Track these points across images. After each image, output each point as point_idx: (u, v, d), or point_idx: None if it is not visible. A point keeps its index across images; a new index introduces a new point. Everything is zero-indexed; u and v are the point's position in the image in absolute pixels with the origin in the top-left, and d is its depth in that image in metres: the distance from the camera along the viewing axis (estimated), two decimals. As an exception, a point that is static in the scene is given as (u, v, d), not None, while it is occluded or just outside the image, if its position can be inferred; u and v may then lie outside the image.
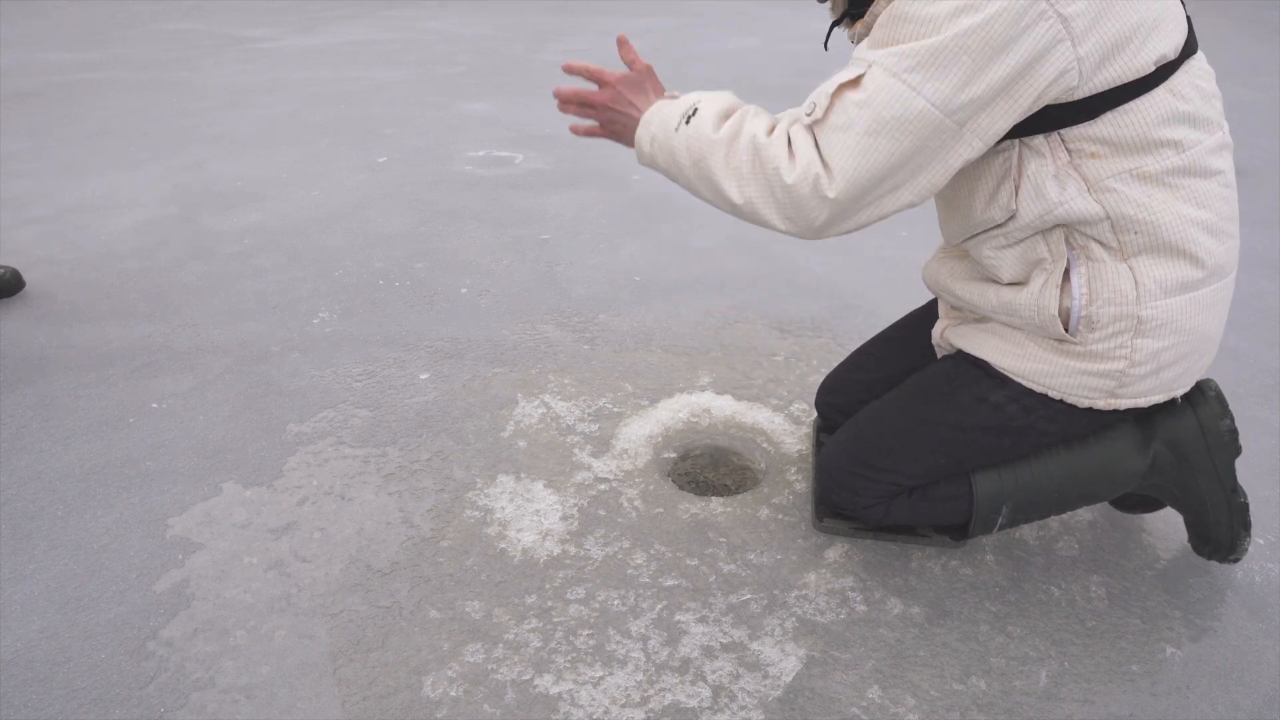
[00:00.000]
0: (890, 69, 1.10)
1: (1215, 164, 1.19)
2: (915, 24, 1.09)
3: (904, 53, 1.09)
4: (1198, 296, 1.22)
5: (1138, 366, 1.24)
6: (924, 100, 1.08)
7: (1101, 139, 1.14)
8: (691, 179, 1.27)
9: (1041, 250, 1.24)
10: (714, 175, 1.24)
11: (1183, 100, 1.14)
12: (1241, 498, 1.41)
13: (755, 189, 1.21)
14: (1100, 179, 1.16)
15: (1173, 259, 1.19)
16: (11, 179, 3.47)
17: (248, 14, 8.07)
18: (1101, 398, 1.28)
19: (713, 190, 1.25)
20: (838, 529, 1.57)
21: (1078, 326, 1.23)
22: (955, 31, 1.06)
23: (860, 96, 1.11)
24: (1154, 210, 1.16)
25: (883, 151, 1.11)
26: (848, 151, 1.13)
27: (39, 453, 1.81)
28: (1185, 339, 1.24)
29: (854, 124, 1.12)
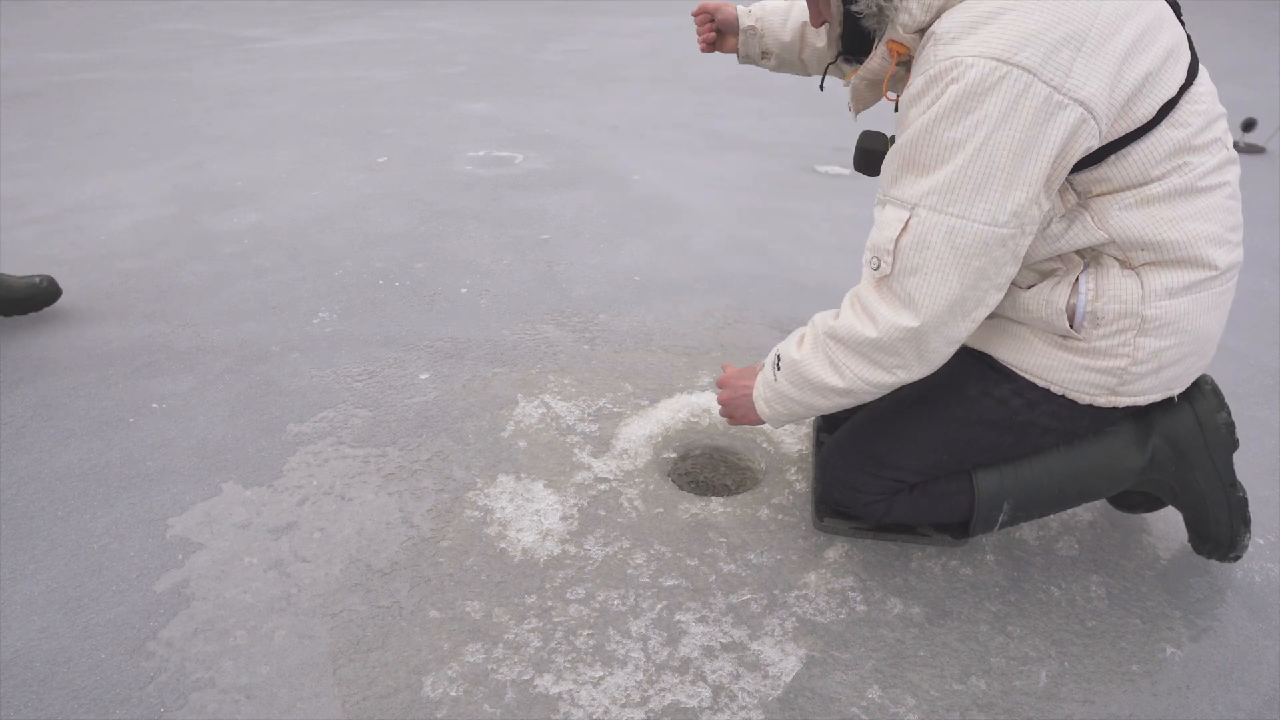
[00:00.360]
0: (934, 208, 1.12)
1: (1217, 179, 1.21)
2: (940, 148, 1.10)
3: (940, 187, 1.11)
4: (1201, 298, 1.23)
5: (1139, 365, 1.25)
6: (978, 224, 1.11)
7: (1105, 178, 1.17)
8: (809, 401, 1.32)
9: (1055, 263, 1.27)
10: (819, 381, 1.28)
11: (1183, 128, 1.16)
12: (1240, 492, 1.41)
13: (852, 365, 1.24)
14: (1106, 210, 1.18)
15: (1180, 268, 1.21)
16: (11, 179, 3.47)
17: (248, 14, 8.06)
18: (1102, 395, 1.29)
19: (825, 393, 1.29)
20: (838, 529, 1.57)
21: (1083, 323, 1.24)
22: (984, 152, 1.07)
23: (916, 239, 1.14)
24: (1159, 230, 1.18)
25: (954, 281, 1.14)
26: (924, 290, 1.15)
27: (39, 453, 1.81)
28: (1187, 339, 1.25)
29: (921, 265, 1.14)
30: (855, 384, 1.25)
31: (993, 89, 1.05)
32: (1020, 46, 1.04)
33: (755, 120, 4.51)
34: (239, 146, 3.93)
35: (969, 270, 1.13)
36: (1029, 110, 1.05)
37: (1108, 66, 1.07)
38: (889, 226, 1.16)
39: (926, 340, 1.18)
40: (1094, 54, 1.06)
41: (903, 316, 1.17)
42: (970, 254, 1.12)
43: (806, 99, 4.94)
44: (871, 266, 1.20)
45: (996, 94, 1.05)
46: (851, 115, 1.42)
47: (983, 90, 1.05)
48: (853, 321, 1.22)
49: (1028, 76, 1.04)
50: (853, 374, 1.25)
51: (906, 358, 1.21)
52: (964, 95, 1.06)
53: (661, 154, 3.89)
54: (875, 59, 1.25)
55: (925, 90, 1.11)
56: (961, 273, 1.13)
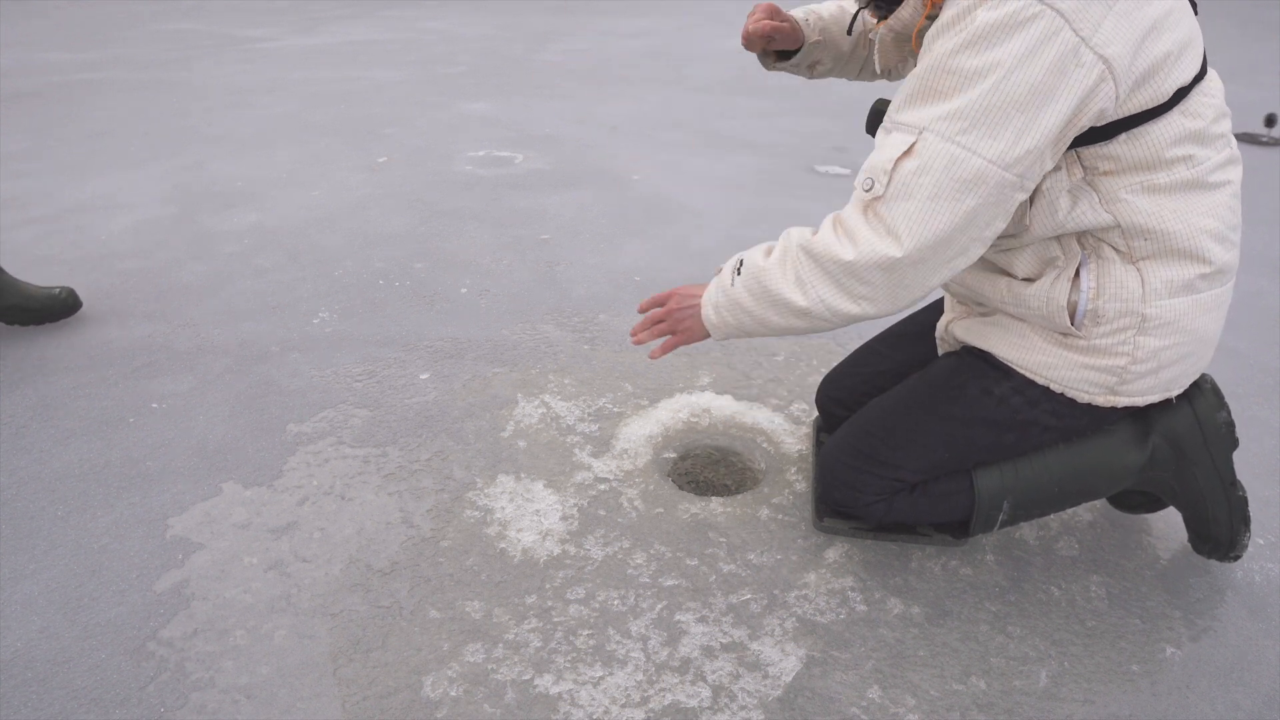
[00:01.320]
0: (942, 134, 1.09)
1: (1223, 177, 1.21)
2: (958, 78, 1.08)
3: (953, 114, 1.08)
4: (1201, 299, 1.24)
5: (1139, 364, 1.25)
6: (982, 160, 1.08)
7: (1115, 156, 1.16)
8: (764, 315, 1.26)
9: (1055, 250, 1.26)
10: (779, 294, 1.23)
11: (1195, 119, 1.16)
12: (1240, 491, 1.41)
13: (819, 285, 1.19)
14: (1112, 191, 1.18)
15: (1180, 262, 1.21)
16: (11, 179, 3.47)
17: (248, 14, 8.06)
18: (1101, 394, 1.29)
19: (783, 309, 1.24)
20: (838, 529, 1.57)
21: (1083, 320, 1.25)
22: (1002, 87, 1.05)
23: (917, 164, 1.10)
24: (1164, 219, 1.18)
25: (947, 213, 1.11)
26: (913, 218, 1.12)
27: (39, 453, 1.81)
28: (1186, 339, 1.25)
29: (915, 192, 1.11)
30: (817, 305, 1.20)
31: (1024, 25, 1.03)
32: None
33: (755, 120, 4.51)
34: (239, 146, 3.93)
35: (961, 208, 1.10)
36: (1055, 55, 1.04)
37: (1135, 32, 1.06)
38: (892, 148, 1.13)
39: (902, 274, 1.14)
40: (1124, 16, 1.05)
41: (885, 244, 1.13)
42: (967, 188, 1.09)
43: (806, 99, 4.94)
44: (864, 188, 1.15)
45: (1027, 31, 1.03)
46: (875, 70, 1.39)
47: (1014, 24, 1.04)
48: (831, 240, 1.18)
49: (1060, 20, 1.03)
50: (817, 295, 1.20)
51: (876, 289, 1.17)
52: (994, 26, 1.04)
53: (661, 154, 3.89)
54: (908, 8, 1.22)
55: (955, 20, 1.08)
56: (953, 208, 1.10)
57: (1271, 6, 8.58)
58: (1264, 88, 5.18)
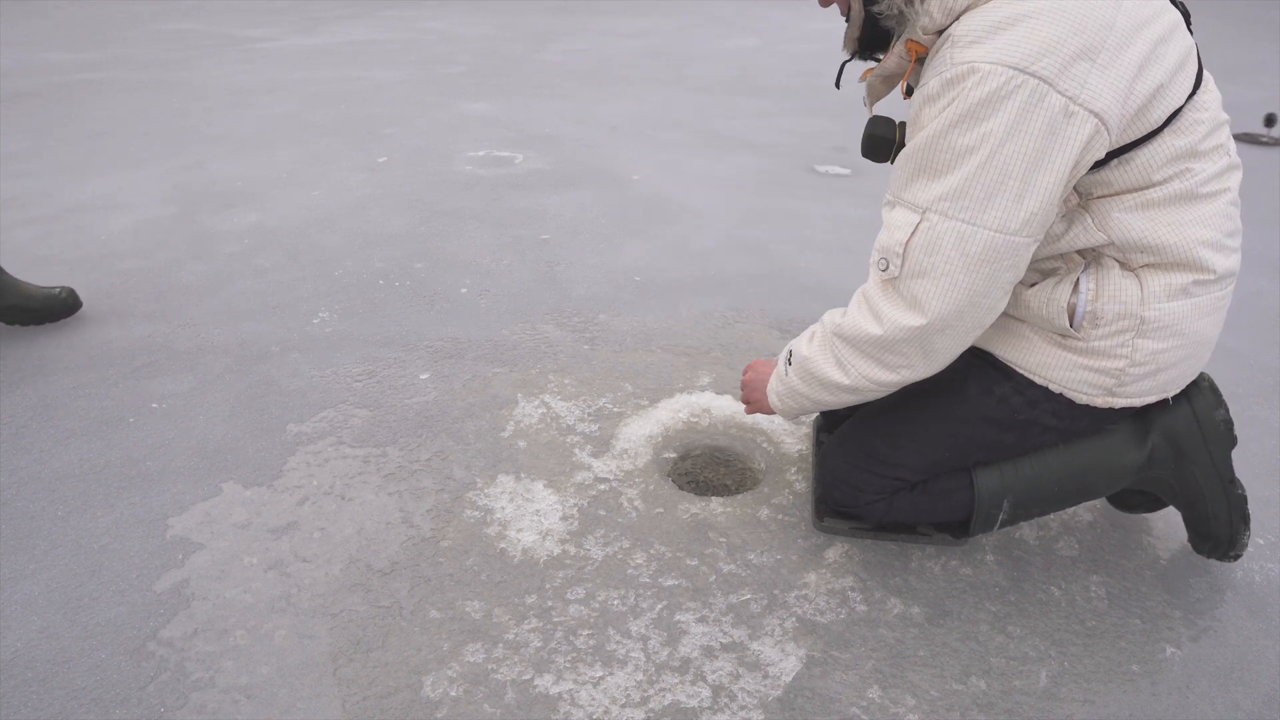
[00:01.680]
0: (946, 213, 1.12)
1: (1218, 186, 1.22)
2: (953, 155, 1.10)
3: (953, 192, 1.11)
4: (1199, 302, 1.24)
5: (1137, 366, 1.25)
6: (989, 232, 1.11)
7: (1107, 181, 1.17)
8: (816, 396, 1.35)
9: (1056, 262, 1.27)
10: (826, 378, 1.30)
11: (1186, 135, 1.16)
12: (1239, 490, 1.42)
13: (857, 363, 1.26)
14: (1106, 212, 1.19)
15: (1178, 270, 1.22)
16: (11, 179, 3.47)
17: (248, 14, 8.06)
18: (1100, 395, 1.29)
19: (831, 389, 1.31)
20: (838, 529, 1.57)
21: (1082, 322, 1.25)
22: (996, 160, 1.07)
23: (926, 243, 1.14)
24: (1158, 234, 1.19)
25: (963, 285, 1.14)
26: (932, 293, 1.15)
27: (39, 453, 1.81)
28: (1185, 342, 1.26)
29: (929, 270, 1.14)
30: (860, 382, 1.27)
31: (1009, 97, 1.06)
32: (1038, 56, 1.05)
33: (755, 120, 4.51)
34: (239, 146, 3.93)
35: (978, 276, 1.13)
36: (1044, 120, 1.06)
37: (1122, 79, 1.07)
38: (899, 229, 1.16)
39: (931, 340, 1.19)
40: (1109, 66, 1.06)
41: (909, 316, 1.17)
42: (980, 260, 1.12)
43: (807, 99, 4.94)
44: (880, 268, 1.20)
45: (1012, 102, 1.06)
46: (867, 108, 1.42)
47: (999, 98, 1.06)
48: (859, 320, 1.23)
49: (1044, 87, 1.05)
50: (858, 372, 1.26)
51: (911, 357, 1.21)
52: (980, 102, 1.07)
53: (661, 154, 3.89)
54: (893, 59, 1.26)
55: (941, 93, 1.11)
56: (970, 278, 1.13)
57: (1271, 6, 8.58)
58: (1264, 88, 5.18)
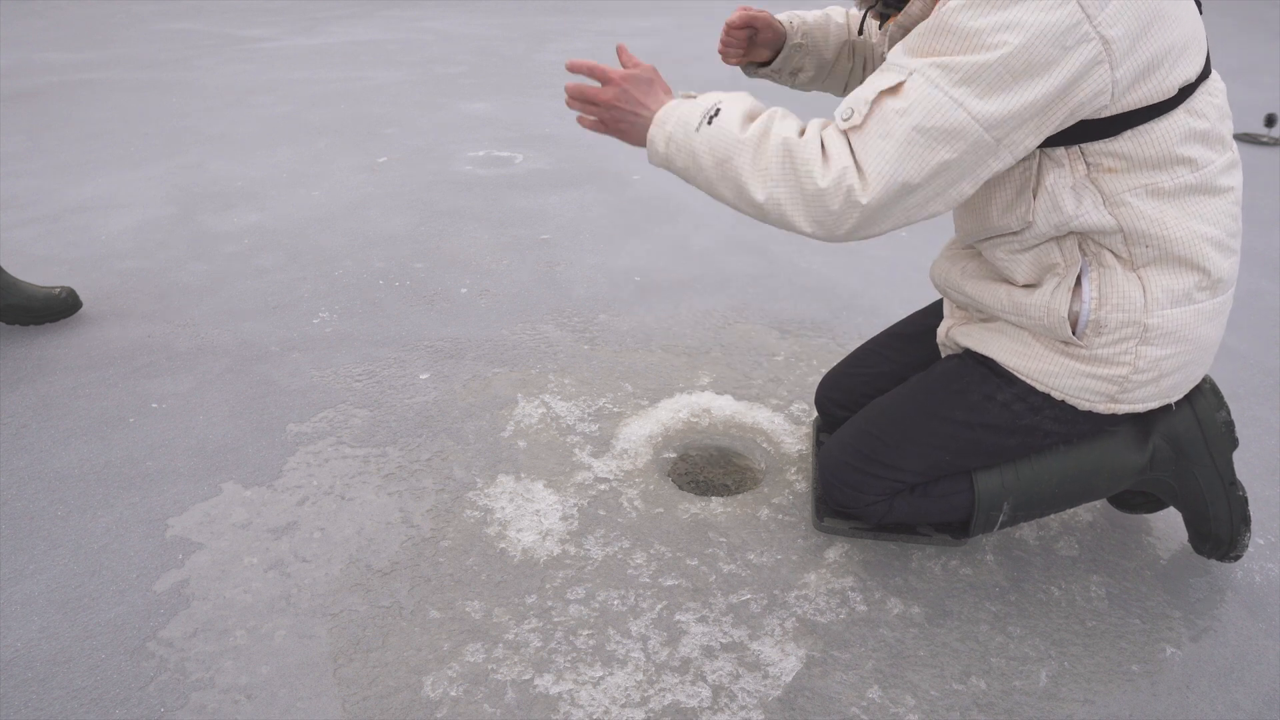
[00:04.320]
0: (933, 80, 1.08)
1: (1226, 182, 1.21)
2: (959, 38, 1.07)
3: (947, 65, 1.08)
4: (1202, 308, 1.24)
5: (1140, 373, 1.25)
6: (966, 114, 1.07)
7: (1120, 154, 1.15)
8: (713, 180, 1.23)
9: (1055, 256, 1.25)
10: (739, 175, 1.19)
11: (1200, 119, 1.15)
12: (1240, 491, 1.41)
13: (784, 190, 1.17)
14: (1116, 193, 1.17)
15: (1181, 271, 1.21)
16: (11, 179, 3.47)
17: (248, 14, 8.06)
18: (1102, 402, 1.29)
19: (736, 190, 1.21)
20: (838, 529, 1.57)
21: (1085, 330, 1.24)
22: (1000, 50, 1.05)
23: (901, 104, 1.10)
24: (1166, 225, 1.18)
25: (919, 160, 1.10)
26: (885, 159, 1.11)
27: (39, 453, 1.81)
28: (1188, 348, 1.26)
29: (893, 132, 1.10)
30: (771, 207, 1.18)
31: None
32: None
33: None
34: (239, 146, 3.93)
35: (933, 159, 1.09)
36: (1058, 26, 1.03)
37: (1139, 18, 1.05)
38: (878, 83, 1.12)
39: (861, 217, 1.14)
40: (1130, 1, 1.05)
41: (856, 182, 1.11)
42: (944, 139, 1.08)
43: (806, 99, 4.94)
44: (843, 117, 1.14)
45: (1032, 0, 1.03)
46: None
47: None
48: (814, 157, 1.14)
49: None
50: (776, 198, 1.17)
51: (834, 218, 1.14)
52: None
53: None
54: (917, 4, 1.21)
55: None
56: (926, 157, 1.09)
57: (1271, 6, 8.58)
58: (1264, 88, 5.18)
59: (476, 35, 7.02)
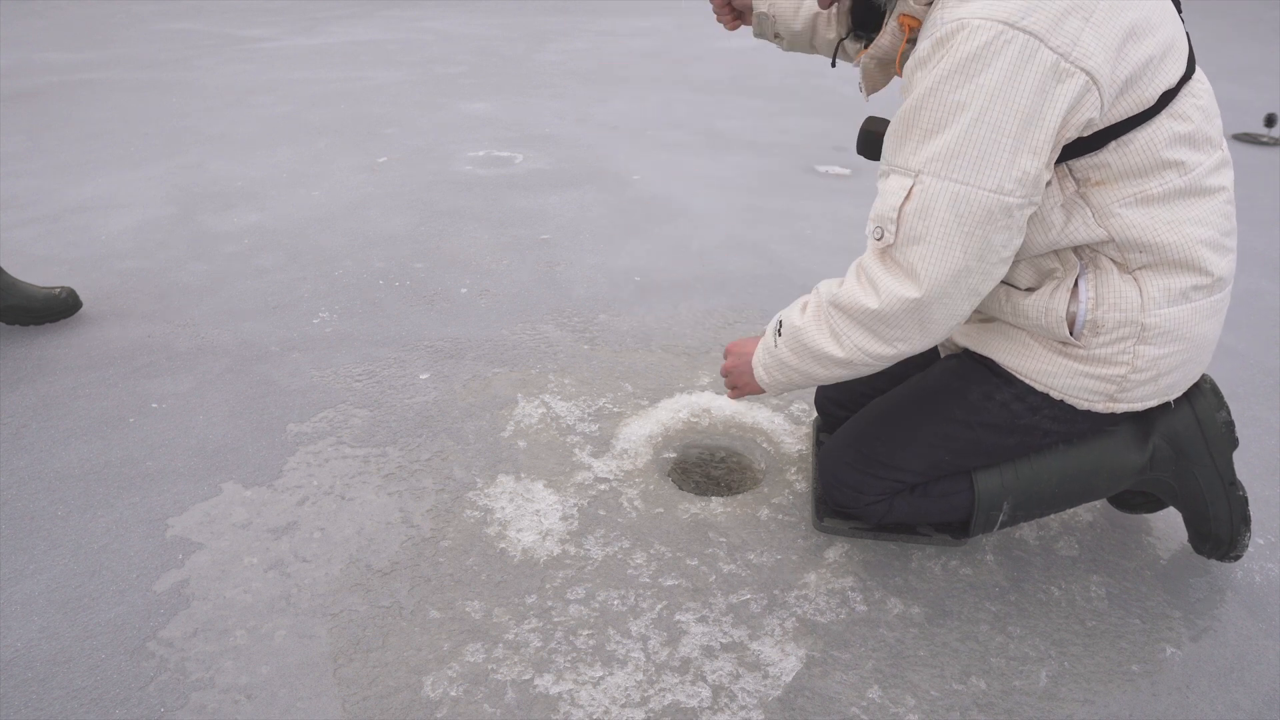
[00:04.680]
0: (939, 174, 1.10)
1: (1215, 182, 1.21)
2: (944, 112, 1.08)
3: (945, 152, 1.09)
4: (1199, 306, 1.24)
5: (1139, 373, 1.25)
6: (983, 191, 1.09)
7: (1106, 165, 1.16)
8: (807, 370, 1.30)
9: (1053, 262, 1.26)
10: (817, 350, 1.26)
11: (1184, 121, 1.15)
12: (1240, 491, 1.41)
13: (852, 335, 1.22)
14: (1105, 205, 1.18)
15: (1178, 272, 1.21)
16: (11, 179, 3.47)
17: (248, 14, 8.06)
18: (1101, 401, 1.29)
19: (823, 363, 1.27)
20: (838, 529, 1.57)
21: (1083, 330, 1.25)
22: (987, 116, 1.06)
23: (919, 207, 1.12)
24: (1158, 231, 1.18)
25: (959, 250, 1.11)
26: (928, 259, 1.13)
27: (39, 453, 1.81)
28: (1186, 347, 1.26)
29: (924, 235, 1.12)
30: (855, 355, 1.23)
31: (999, 52, 1.04)
32: (1028, 11, 1.04)
33: (755, 120, 4.51)
34: (239, 146, 3.93)
35: (974, 239, 1.11)
36: (1036, 76, 1.04)
37: (1112, 40, 1.06)
38: (893, 195, 1.14)
39: (928, 311, 1.16)
40: (1101, 25, 1.05)
41: (905, 287, 1.15)
42: (976, 222, 1.10)
43: (806, 99, 4.94)
44: (875, 237, 1.17)
45: (1003, 57, 1.04)
46: (863, 96, 1.40)
47: (990, 53, 1.04)
48: (855, 291, 1.20)
49: (1035, 42, 1.03)
50: (853, 344, 1.22)
51: (907, 329, 1.19)
52: (970, 57, 1.05)
53: (661, 154, 3.89)
54: (886, 36, 1.23)
55: (931, 53, 1.09)
56: (966, 242, 1.11)
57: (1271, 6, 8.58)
58: (1264, 88, 5.18)
59: (476, 35, 7.02)
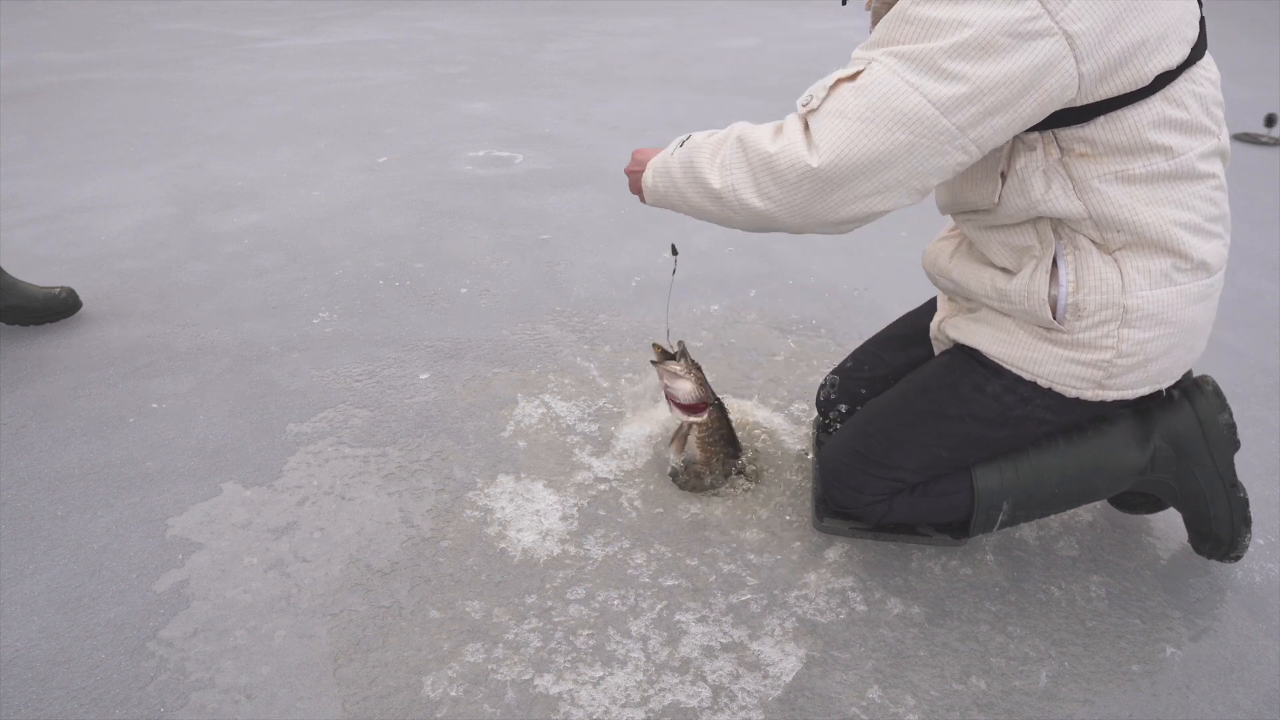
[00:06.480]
0: (890, 67, 1.09)
1: (1205, 168, 1.19)
2: (918, 27, 1.08)
3: (904, 54, 1.08)
4: (1185, 290, 1.22)
5: (1125, 357, 1.24)
6: (921, 98, 1.07)
7: (1091, 140, 1.15)
8: (683, 190, 1.29)
9: (1030, 238, 1.25)
10: (700, 172, 1.25)
11: (1178, 108, 1.14)
12: (1241, 493, 1.41)
13: (737, 171, 1.21)
14: (1085, 179, 1.17)
15: (1156, 254, 1.20)
16: (11, 179, 3.47)
17: (248, 14, 8.06)
18: (1089, 388, 1.28)
19: (699, 188, 1.26)
20: (838, 529, 1.57)
21: (1065, 314, 1.24)
22: (955, 36, 1.05)
23: (857, 85, 1.11)
24: (1136, 211, 1.17)
25: (873, 139, 1.10)
26: (838, 134, 1.11)
27: (39, 453, 1.81)
28: (1172, 331, 1.24)
29: (847, 110, 1.11)
30: (728, 193, 1.21)
31: None
32: None
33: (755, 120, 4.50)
34: (239, 146, 3.93)
35: (890, 139, 1.09)
36: (1015, 20, 1.02)
37: (1108, 10, 1.04)
38: (838, 73, 1.14)
39: (814, 189, 1.14)
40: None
41: (807, 152, 1.13)
42: (901, 122, 1.08)
43: (806, 99, 4.94)
44: (802, 103, 1.16)
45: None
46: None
47: None
48: (763, 134, 1.19)
49: None
50: (732, 181, 1.21)
51: (788, 194, 1.16)
52: None
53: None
54: None
55: None
56: (882, 137, 1.09)
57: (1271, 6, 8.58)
58: (1264, 88, 5.18)
59: (476, 35, 7.02)
